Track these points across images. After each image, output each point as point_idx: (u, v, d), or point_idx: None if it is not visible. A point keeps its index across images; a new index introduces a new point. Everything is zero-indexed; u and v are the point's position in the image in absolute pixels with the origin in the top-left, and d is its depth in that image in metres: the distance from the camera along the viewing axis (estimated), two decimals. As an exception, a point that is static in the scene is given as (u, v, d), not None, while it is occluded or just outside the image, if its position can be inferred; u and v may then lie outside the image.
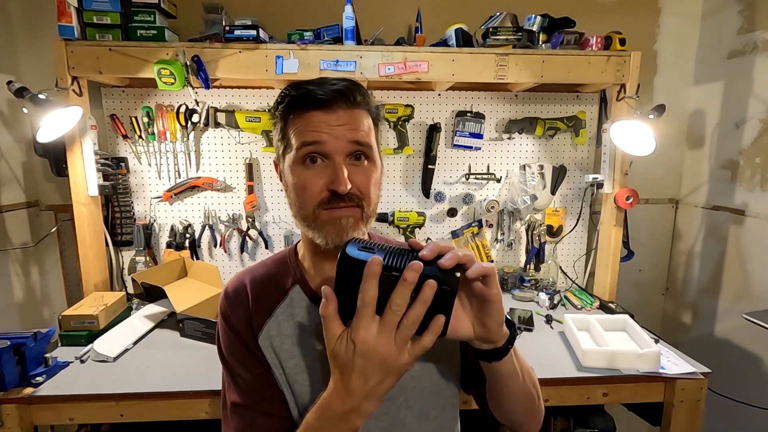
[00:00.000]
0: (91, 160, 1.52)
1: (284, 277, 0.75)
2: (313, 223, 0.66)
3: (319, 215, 0.65)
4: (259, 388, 0.70)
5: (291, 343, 0.71)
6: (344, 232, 0.65)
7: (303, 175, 0.65)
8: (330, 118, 0.64)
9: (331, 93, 0.64)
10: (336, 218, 0.65)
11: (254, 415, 0.70)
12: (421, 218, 1.81)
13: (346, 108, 0.65)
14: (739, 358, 1.69)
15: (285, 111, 0.67)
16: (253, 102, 1.75)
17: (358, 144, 0.65)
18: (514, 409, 0.72)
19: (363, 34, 1.60)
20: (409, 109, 1.75)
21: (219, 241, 1.80)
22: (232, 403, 0.72)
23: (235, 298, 0.74)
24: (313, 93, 0.64)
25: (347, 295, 0.53)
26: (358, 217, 0.66)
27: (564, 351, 1.37)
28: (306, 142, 0.64)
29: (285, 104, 0.67)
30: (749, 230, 1.66)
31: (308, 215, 0.66)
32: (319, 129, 0.64)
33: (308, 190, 0.65)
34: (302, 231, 0.71)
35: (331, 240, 0.65)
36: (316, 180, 0.64)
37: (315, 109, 0.64)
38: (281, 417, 0.70)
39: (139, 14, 1.46)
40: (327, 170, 0.64)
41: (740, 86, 1.69)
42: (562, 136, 1.86)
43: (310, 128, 0.64)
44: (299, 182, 0.66)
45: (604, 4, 1.85)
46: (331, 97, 0.64)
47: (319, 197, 0.64)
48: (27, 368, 1.16)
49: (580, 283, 1.94)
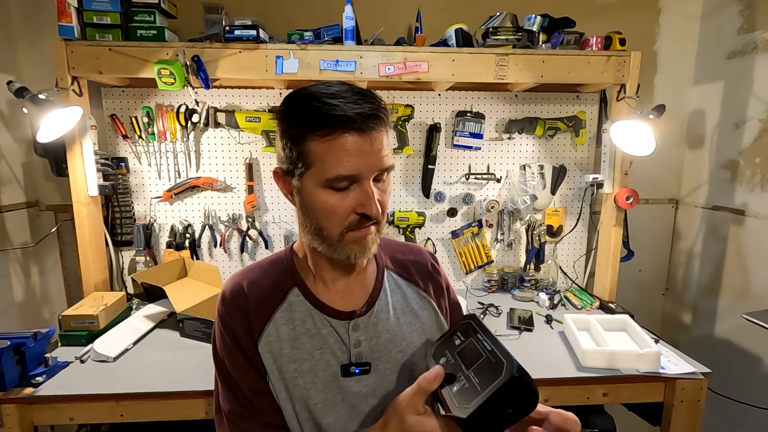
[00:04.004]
0: (91, 160, 1.52)
1: (282, 281, 0.74)
2: (337, 244, 0.67)
3: (345, 236, 0.65)
4: (255, 398, 0.70)
5: (291, 348, 0.70)
6: (368, 248, 0.67)
7: (331, 200, 0.63)
8: (365, 144, 0.61)
9: (366, 115, 0.60)
10: (362, 238, 0.66)
11: (250, 425, 0.70)
12: (421, 218, 1.81)
13: (378, 130, 0.62)
14: (739, 358, 1.69)
15: (306, 125, 0.61)
16: (253, 102, 1.75)
17: (385, 169, 0.65)
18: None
19: (363, 34, 1.60)
20: (409, 109, 1.75)
21: (219, 241, 1.80)
22: (229, 411, 0.71)
23: (232, 302, 0.73)
24: (344, 112, 0.59)
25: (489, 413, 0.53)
26: (377, 231, 0.68)
27: (564, 351, 1.37)
28: (342, 176, 0.61)
29: (305, 117, 0.61)
30: (749, 230, 1.66)
31: (332, 236, 0.66)
32: (352, 158, 0.60)
33: (337, 215, 0.64)
34: (311, 242, 0.70)
35: (354, 256, 0.67)
36: (344, 204, 0.63)
37: (349, 133, 0.60)
38: (277, 426, 0.70)
39: (139, 14, 1.46)
40: (354, 193, 0.63)
41: (740, 86, 1.69)
42: (562, 136, 1.86)
43: (345, 157, 0.60)
44: (327, 207, 0.64)
45: (604, 4, 1.85)
46: (366, 117, 0.60)
47: (347, 221, 0.64)
48: (27, 368, 1.16)
49: (580, 283, 1.94)
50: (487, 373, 0.55)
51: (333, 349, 0.71)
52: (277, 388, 0.69)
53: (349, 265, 0.73)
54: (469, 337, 0.65)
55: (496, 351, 0.58)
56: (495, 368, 0.55)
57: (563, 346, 1.40)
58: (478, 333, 0.64)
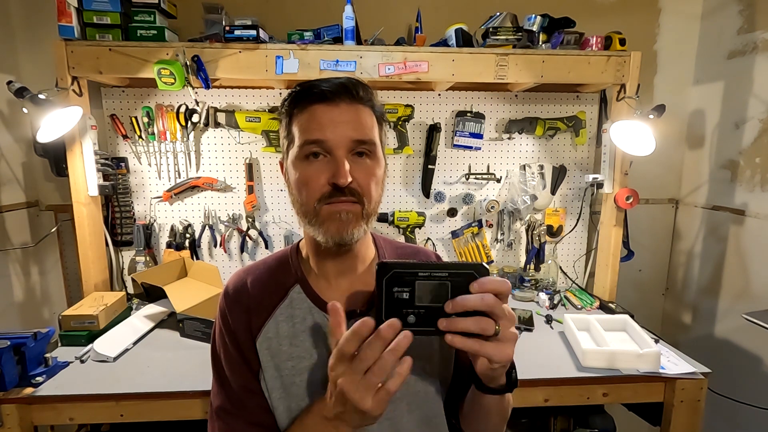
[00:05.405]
0: (91, 160, 1.52)
1: (285, 277, 0.75)
2: (314, 219, 0.66)
3: (320, 210, 0.65)
4: (244, 396, 0.70)
5: (289, 345, 0.70)
6: (344, 228, 0.65)
7: (305, 171, 0.65)
8: (333, 112, 0.64)
9: (334, 86, 0.64)
10: (336, 212, 0.64)
11: (237, 423, 0.70)
12: (421, 218, 1.81)
13: (348, 102, 0.65)
14: (739, 358, 1.69)
15: (290, 106, 0.68)
16: (253, 102, 1.75)
17: (360, 140, 0.65)
18: (481, 430, 0.75)
19: (363, 34, 1.60)
20: (409, 109, 1.75)
21: (219, 241, 1.80)
22: (218, 407, 0.71)
23: (234, 297, 0.74)
24: (317, 86, 0.65)
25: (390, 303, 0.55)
26: (359, 214, 0.66)
27: (564, 351, 1.37)
28: (309, 140, 0.64)
29: (290, 99, 0.68)
30: (749, 230, 1.66)
31: (309, 211, 0.66)
32: (322, 125, 0.64)
33: (310, 184, 0.65)
34: (305, 230, 0.71)
35: (331, 237, 0.65)
36: (318, 175, 0.64)
37: (318, 103, 0.65)
38: (265, 426, 0.69)
39: (139, 14, 1.46)
40: (329, 165, 0.64)
41: (740, 86, 1.69)
42: (562, 136, 1.86)
43: (314, 125, 0.64)
44: (301, 177, 0.66)
45: (604, 4, 1.85)
46: (335, 90, 0.64)
47: (320, 192, 0.64)
48: (27, 368, 1.16)
49: (580, 283, 1.94)
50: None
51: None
52: (273, 386, 0.69)
53: (351, 261, 0.73)
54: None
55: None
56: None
57: (563, 346, 1.40)
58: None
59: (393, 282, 0.55)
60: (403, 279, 0.54)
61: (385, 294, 0.55)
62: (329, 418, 0.58)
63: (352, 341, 0.52)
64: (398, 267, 0.55)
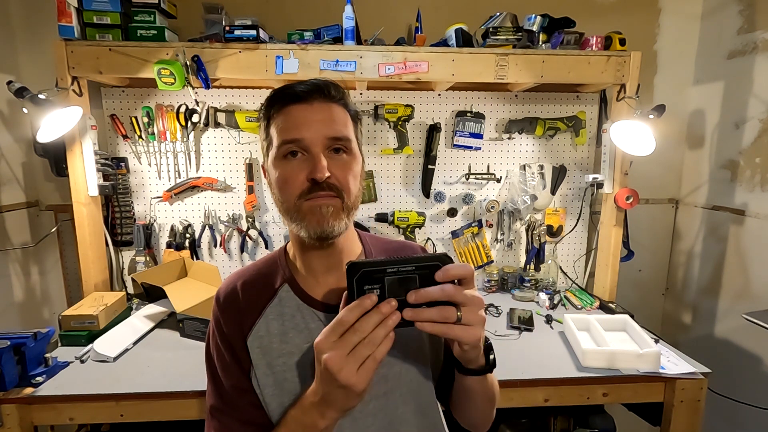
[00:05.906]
0: (91, 160, 1.52)
1: (274, 277, 0.76)
2: (295, 215, 0.68)
3: (301, 206, 0.67)
4: (236, 394, 0.72)
5: (280, 342, 0.71)
6: (325, 221, 0.67)
7: (284, 169, 0.68)
8: (307, 111, 0.67)
9: (307, 87, 0.68)
10: (317, 207, 0.66)
11: (230, 421, 0.72)
12: (421, 218, 1.81)
13: (322, 101, 0.68)
14: (739, 358, 1.69)
15: (267, 109, 0.71)
16: (253, 102, 1.75)
17: (335, 137, 0.67)
18: (469, 414, 0.79)
19: (363, 34, 1.60)
20: (409, 109, 1.75)
21: (219, 241, 1.80)
22: (212, 407, 0.74)
23: (225, 302, 0.76)
24: (291, 87, 0.68)
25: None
26: (339, 207, 0.68)
27: (564, 351, 1.37)
28: (287, 140, 0.67)
29: (267, 103, 0.71)
30: (749, 230, 1.66)
31: (291, 208, 0.68)
32: (298, 125, 0.66)
33: (289, 182, 0.67)
34: (289, 228, 0.73)
35: (313, 230, 0.67)
36: (297, 173, 0.66)
37: (293, 103, 0.68)
38: (257, 425, 0.71)
39: (139, 14, 1.46)
40: (307, 162, 0.67)
41: (740, 86, 1.69)
42: (562, 136, 1.86)
43: (290, 124, 0.67)
44: (281, 176, 0.68)
45: (604, 4, 1.85)
46: (308, 90, 0.67)
47: (300, 188, 0.66)
48: (27, 368, 1.16)
49: (580, 283, 1.94)
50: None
51: None
52: (265, 383, 0.70)
53: (336, 257, 0.73)
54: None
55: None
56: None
57: (563, 346, 1.40)
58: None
59: (363, 280, 0.57)
60: (372, 277, 0.57)
61: (357, 293, 0.57)
62: (315, 403, 0.60)
63: (354, 311, 0.55)
64: (366, 266, 0.57)
